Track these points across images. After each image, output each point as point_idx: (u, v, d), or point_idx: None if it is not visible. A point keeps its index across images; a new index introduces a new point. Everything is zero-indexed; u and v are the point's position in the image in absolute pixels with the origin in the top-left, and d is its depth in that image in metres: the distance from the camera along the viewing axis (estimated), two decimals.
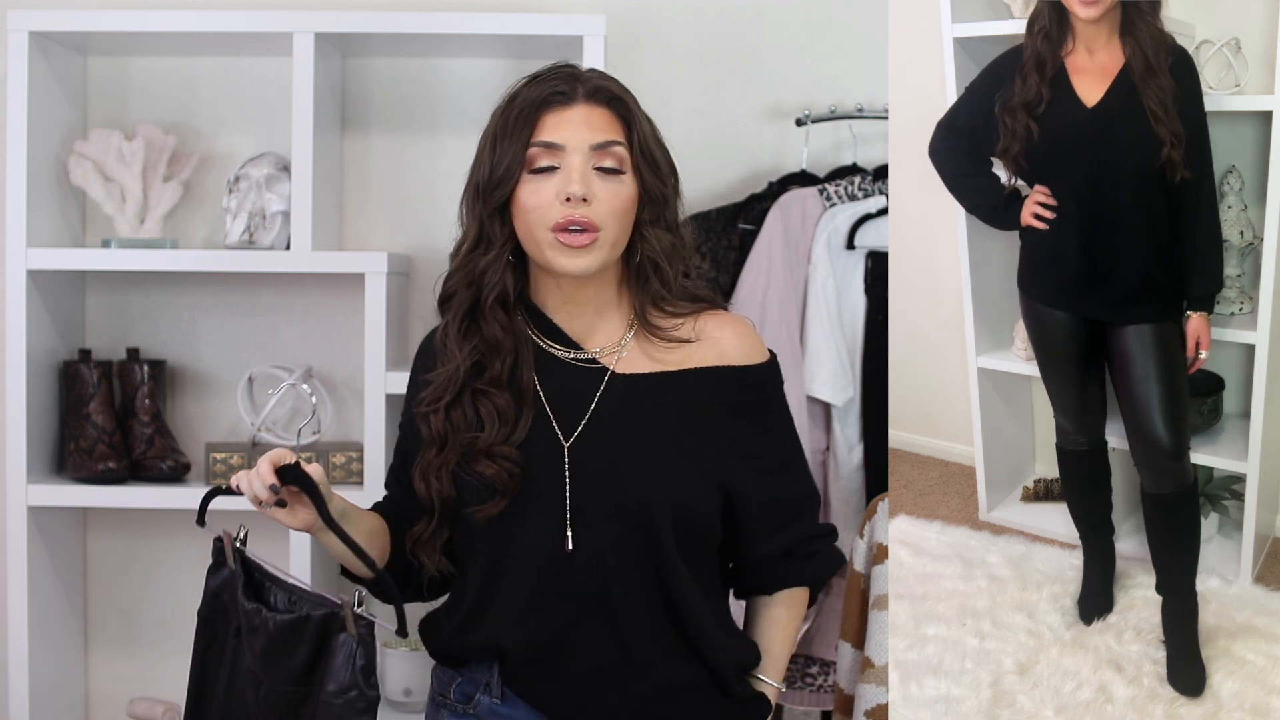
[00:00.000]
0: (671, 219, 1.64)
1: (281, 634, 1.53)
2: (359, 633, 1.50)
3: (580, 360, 1.64)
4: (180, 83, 2.73)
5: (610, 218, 1.57)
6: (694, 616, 1.61)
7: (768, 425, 1.68)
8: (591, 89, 1.59)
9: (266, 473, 1.52)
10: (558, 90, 1.58)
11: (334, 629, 1.51)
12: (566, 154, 1.56)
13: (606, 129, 1.58)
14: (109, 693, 2.78)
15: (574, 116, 1.57)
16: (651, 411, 1.61)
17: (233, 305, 2.74)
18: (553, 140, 1.56)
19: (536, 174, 1.57)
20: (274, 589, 1.58)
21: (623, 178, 1.58)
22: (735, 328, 1.67)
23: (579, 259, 1.56)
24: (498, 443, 1.59)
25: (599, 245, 1.56)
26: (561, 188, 1.55)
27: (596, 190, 1.56)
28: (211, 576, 1.63)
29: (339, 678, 1.50)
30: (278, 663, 1.53)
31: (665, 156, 1.64)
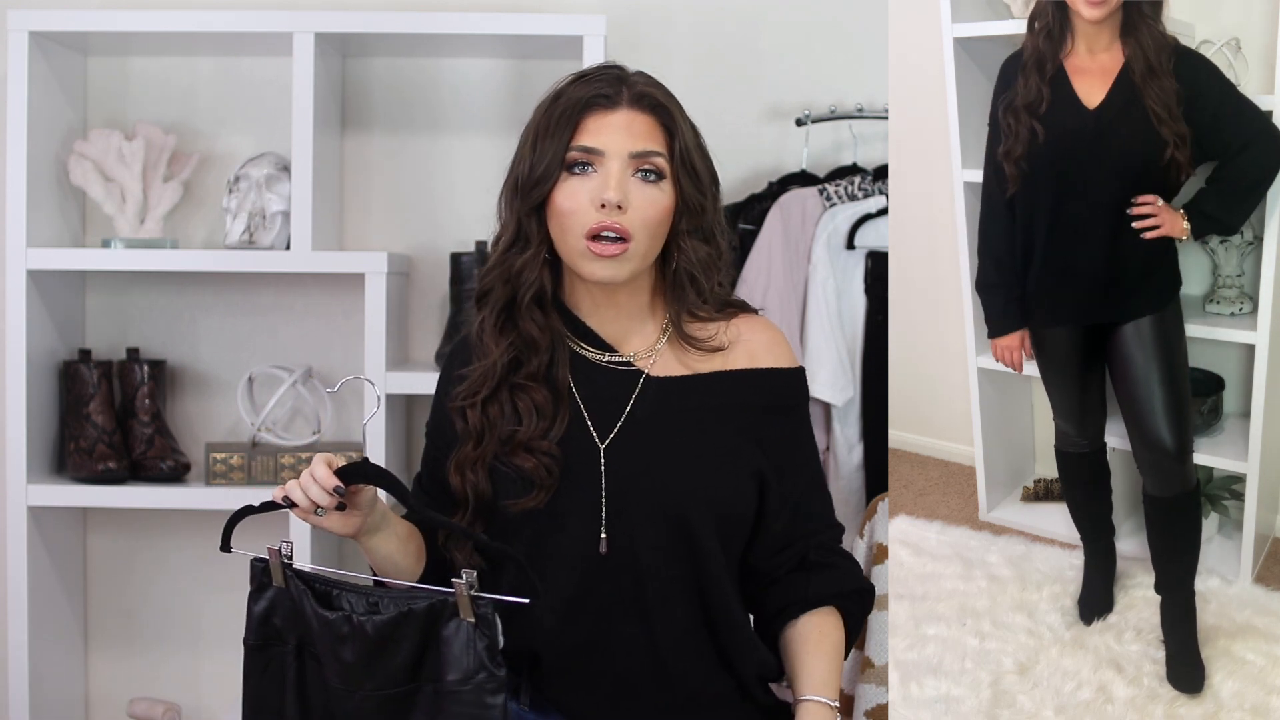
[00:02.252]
0: (709, 229, 1.62)
1: (382, 635, 1.45)
2: (478, 614, 1.43)
3: (614, 363, 1.63)
4: (180, 83, 2.73)
5: (644, 227, 1.55)
6: (730, 621, 1.60)
7: (797, 431, 1.67)
8: (636, 94, 1.58)
9: (327, 476, 1.47)
10: (602, 93, 1.56)
11: (443, 617, 1.45)
12: (606, 159, 1.55)
13: (648, 137, 1.57)
14: (109, 693, 2.78)
15: (616, 121, 1.56)
16: (686, 414, 1.61)
17: (233, 305, 2.74)
18: (593, 145, 1.55)
19: (574, 175, 1.55)
20: (343, 595, 1.50)
21: (661, 185, 1.57)
22: (768, 333, 1.67)
23: (609, 268, 1.55)
24: (536, 437, 1.57)
25: (630, 255, 1.55)
26: (598, 193, 1.53)
27: (633, 197, 1.55)
28: (255, 601, 1.54)
29: (461, 665, 1.43)
30: (379, 665, 1.46)
31: (707, 165, 1.62)
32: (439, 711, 1.44)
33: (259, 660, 1.54)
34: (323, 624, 1.48)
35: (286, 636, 1.53)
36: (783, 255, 2.57)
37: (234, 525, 1.56)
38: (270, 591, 1.53)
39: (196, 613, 2.78)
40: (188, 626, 2.79)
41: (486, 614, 1.44)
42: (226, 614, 2.78)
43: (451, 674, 1.44)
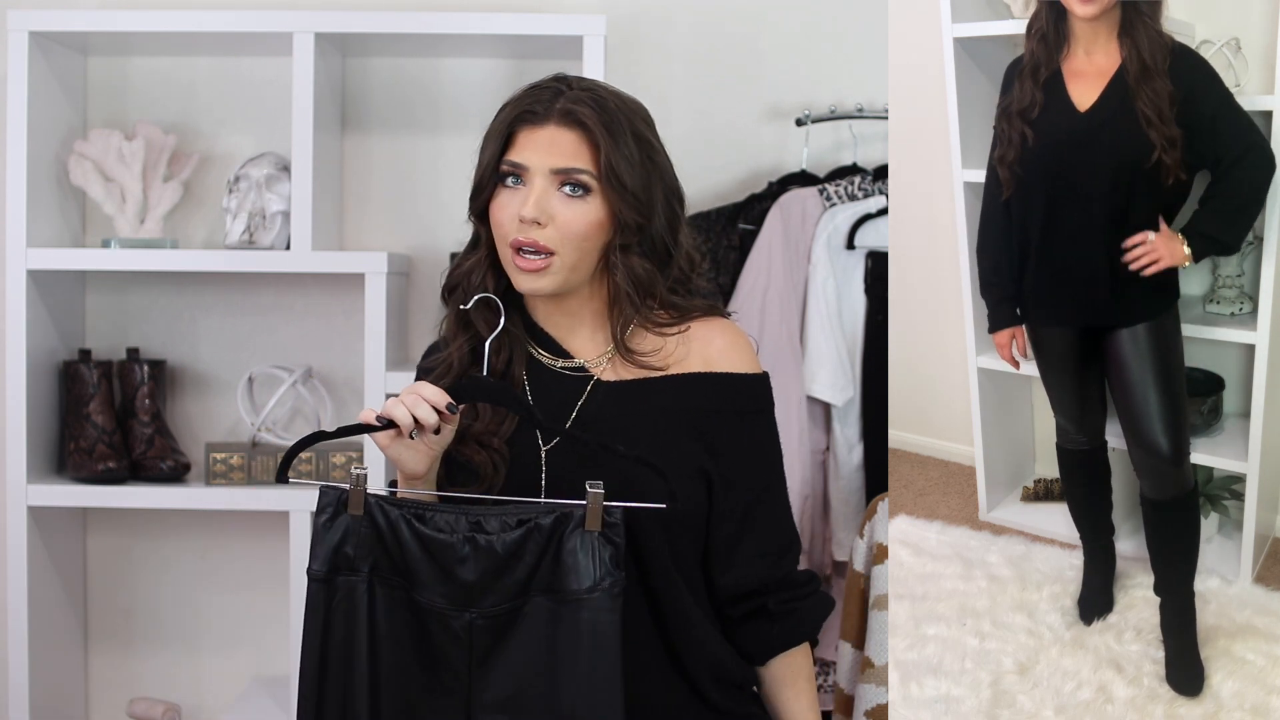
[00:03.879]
0: (657, 242, 1.60)
1: (509, 551, 1.48)
2: (607, 523, 1.47)
3: (567, 368, 1.65)
4: (180, 83, 2.73)
5: (566, 241, 1.56)
6: (678, 624, 1.59)
7: (753, 439, 1.64)
8: (564, 110, 1.56)
9: (438, 394, 1.50)
10: (531, 109, 1.57)
11: (566, 529, 1.48)
12: (530, 174, 1.56)
13: (572, 154, 1.56)
14: (109, 693, 2.78)
15: (541, 138, 1.56)
16: (632, 417, 1.61)
17: (233, 305, 2.74)
18: (517, 160, 1.57)
19: (507, 187, 1.58)
20: (436, 515, 1.51)
21: (589, 200, 1.56)
22: (728, 337, 1.65)
23: (531, 281, 1.57)
24: (488, 432, 1.60)
25: (555, 269, 1.56)
26: (519, 209, 1.55)
27: (556, 212, 1.55)
28: (326, 530, 1.51)
29: (587, 573, 1.46)
30: (500, 582, 1.48)
31: (644, 181, 1.58)
32: (559, 621, 1.47)
33: (324, 592, 1.52)
34: (436, 546, 1.49)
35: (359, 564, 1.51)
36: (783, 255, 2.57)
37: (298, 453, 1.57)
38: (344, 519, 1.52)
39: (196, 613, 2.78)
40: (188, 626, 2.79)
41: (615, 522, 1.47)
42: (226, 614, 2.78)
43: (574, 583, 1.47)
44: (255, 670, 2.78)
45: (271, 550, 2.70)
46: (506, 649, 1.49)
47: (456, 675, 1.50)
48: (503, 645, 1.49)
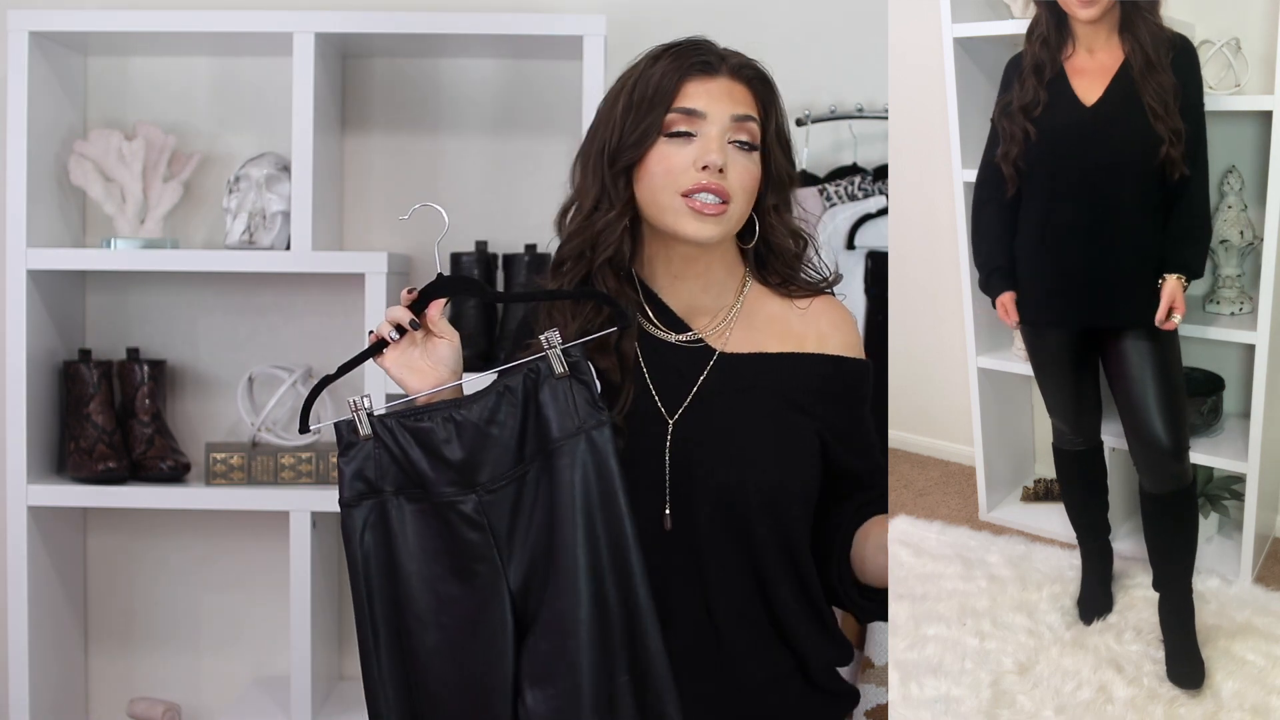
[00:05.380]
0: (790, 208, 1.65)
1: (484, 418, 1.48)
2: (570, 365, 1.47)
3: (684, 341, 1.64)
4: (180, 83, 2.74)
5: (741, 191, 1.58)
6: (785, 603, 1.60)
7: (861, 417, 1.70)
8: (737, 64, 1.61)
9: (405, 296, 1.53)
10: (704, 59, 1.59)
11: (537, 386, 1.48)
12: (706, 122, 1.56)
13: (747, 104, 1.59)
14: (109, 693, 2.78)
15: (717, 88, 1.58)
16: (751, 394, 1.61)
17: (233, 305, 2.74)
18: (694, 107, 1.57)
19: (671, 139, 1.57)
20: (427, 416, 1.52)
21: (754, 155, 1.59)
22: (840, 316, 1.69)
23: (707, 226, 1.56)
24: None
25: (727, 217, 1.57)
26: (700, 155, 1.55)
27: (732, 162, 1.57)
28: (345, 463, 1.54)
29: (566, 421, 1.46)
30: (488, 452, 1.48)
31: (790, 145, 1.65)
32: (554, 473, 1.46)
33: (356, 517, 1.52)
34: (421, 437, 1.50)
35: (381, 485, 1.52)
36: None
37: (314, 398, 1.59)
38: (357, 447, 1.53)
39: (196, 613, 2.78)
40: (188, 626, 2.79)
41: (578, 362, 1.47)
42: (226, 614, 2.78)
43: (555, 432, 1.46)
44: (255, 670, 2.78)
45: (271, 550, 2.70)
46: (519, 523, 1.49)
47: (489, 564, 1.48)
48: (516, 520, 1.49)
